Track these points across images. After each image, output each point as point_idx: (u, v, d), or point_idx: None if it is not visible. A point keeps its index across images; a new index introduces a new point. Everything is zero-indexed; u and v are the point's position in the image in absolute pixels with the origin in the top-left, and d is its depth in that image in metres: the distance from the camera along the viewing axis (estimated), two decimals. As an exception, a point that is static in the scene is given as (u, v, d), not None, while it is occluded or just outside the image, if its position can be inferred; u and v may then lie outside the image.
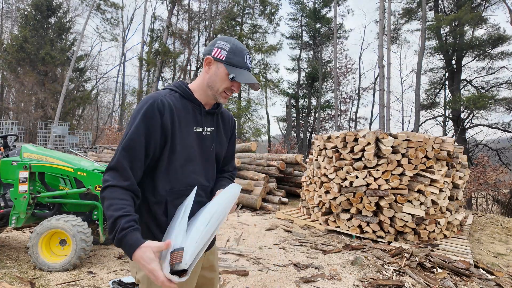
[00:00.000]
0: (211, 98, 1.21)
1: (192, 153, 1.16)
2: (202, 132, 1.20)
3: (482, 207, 10.01)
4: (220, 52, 1.15)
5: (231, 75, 1.13)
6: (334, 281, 2.93)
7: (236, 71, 1.14)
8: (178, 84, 1.21)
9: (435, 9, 18.76)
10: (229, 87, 1.17)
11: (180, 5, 22.32)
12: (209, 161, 1.25)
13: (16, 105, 23.22)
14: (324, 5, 24.24)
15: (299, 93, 25.17)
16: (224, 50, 1.14)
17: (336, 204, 4.73)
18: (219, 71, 1.15)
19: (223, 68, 1.14)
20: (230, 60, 1.14)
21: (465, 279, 3.09)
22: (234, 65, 1.15)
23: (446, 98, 19.08)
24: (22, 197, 3.07)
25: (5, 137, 3.73)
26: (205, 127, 1.22)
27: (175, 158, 1.12)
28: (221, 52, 1.15)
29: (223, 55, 1.14)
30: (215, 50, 1.15)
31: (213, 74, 1.16)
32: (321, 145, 5.22)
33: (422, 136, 4.42)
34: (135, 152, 1.04)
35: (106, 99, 29.80)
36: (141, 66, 22.30)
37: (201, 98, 1.21)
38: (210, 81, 1.17)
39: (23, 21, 21.38)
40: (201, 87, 1.20)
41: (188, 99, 1.19)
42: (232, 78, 1.13)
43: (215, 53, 1.15)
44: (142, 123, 1.06)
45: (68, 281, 2.74)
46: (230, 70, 1.13)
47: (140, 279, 1.11)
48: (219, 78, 1.15)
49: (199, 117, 1.20)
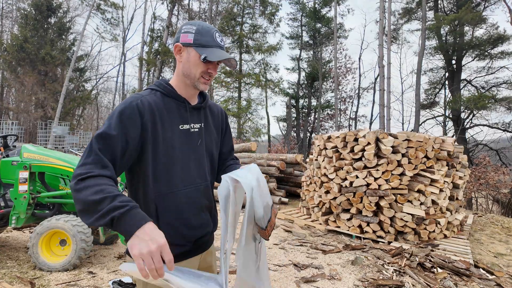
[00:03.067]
0: (191, 88, 1.15)
1: (178, 154, 1.10)
2: (189, 130, 1.15)
3: (482, 207, 10.01)
4: (187, 36, 1.10)
5: (203, 55, 1.07)
6: (334, 281, 2.93)
7: (207, 51, 1.08)
8: (159, 83, 1.16)
9: (435, 9, 18.76)
10: (205, 70, 1.11)
11: (180, 5, 22.33)
12: (202, 158, 1.19)
13: (16, 105, 23.24)
14: (324, 4, 24.23)
15: (299, 93, 25.18)
16: (191, 33, 1.10)
17: (336, 204, 4.73)
18: (191, 55, 1.10)
19: (193, 51, 1.09)
20: (199, 41, 1.09)
21: (465, 279, 3.09)
22: (203, 45, 1.09)
23: (446, 98, 19.09)
24: (22, 197, 3.07)
25: (5, 137, 3.73)
26: (192, 124, 1.16)
27: (160, 161, 1.06)
28: (188, 36, 1.10)
29: (190, 38, 1.09)
30: (182, 35, 1.11)
31: (186, 61, 1.11)
32: (321, 145, 5.22)
33: (422, 136, 4.42)
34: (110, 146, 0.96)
35: (106, 99, 29.85)
36: (141, 66, 22.31)
37: (184, 93, 1.16)
38: (185, 69, 1.12)
39: (23, 21, 21.39)
40: (179, 79, 1.15)
41: (171, 96, 1.13)
42: (204, 58, 1.07)
43: (183, 38, 1.10)
44: (119, 122, 0.98)
45: (68, 281, 2.74)
46: (200, 51, 1.08)
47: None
48: (192, 63, 1.10)
49: (185, 114, 1.15)
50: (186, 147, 1.13)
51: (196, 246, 1.18)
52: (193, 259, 1.19)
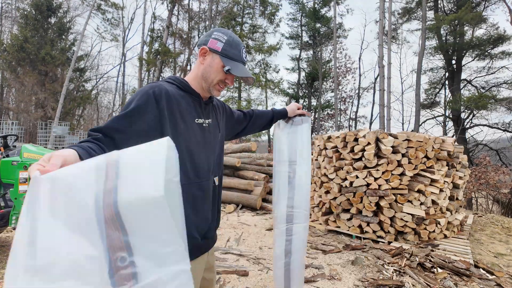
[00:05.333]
0: (205, 90, 1.17)
1: (194, 146, 1.12)
2: (203, 124, 1.18)
3: (482, 207, 10.00)
4: (216, 43, 1.12)
5: (227, 67, 1.10)
6: (334, 281, 2.93)
7: (231, 64, 1.11)
8: (174, 77, 1.18)
9: (435, 9, 18.75)
10: (223, 79, 1.14)
11: (180, 5, 22.32)
12: (212, 153, 1.21)
13: (16, 105, 23.23)
14: (323, 4, 24.24)
15: (299, 93, 25.18)
16: (221, 42, 1.11)
17: (336, 204, 4.73)
18: (214, 62, 1.12)
19: (218, 59, 1.11)
20: (226, 52, 1.11)
21: (465, 279, 3.09)
22: (230, 57, 1.12)
23: (446, 98, 19.09)
24: (22, 197, 3.07)
25: (5, 137, 3.73)
26: (204, 119, 1.19)
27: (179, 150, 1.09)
28: (217, 44, 1.11)
29: (219, 46, 1.11)
30: (211, 41, 1.12)
31: (208, 65, 1.13)
32: (321, 145, 5.22)
33: (422, 136, 4.42)
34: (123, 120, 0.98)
35: (106, 99, 29.89)
36: (141, 66, 22.29)
37: (198, 90, 1.18)
38: (205, 72, 1.14)
39: (23, 21, 21.38)
40: (196, 79, 1.17)
41: (187, 91, 1.15)
42: (227, 70, 1.09)
43: (211, 44, 1.12)
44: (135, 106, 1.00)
45: (68, 281, 2.74)
46: (225, 62, 1.10)
47: None
48: (214, 70, 1.12)
49: (199, 109, 1.17)
50: (202, 141, 1.16)
51: (204, 242, 1.20)
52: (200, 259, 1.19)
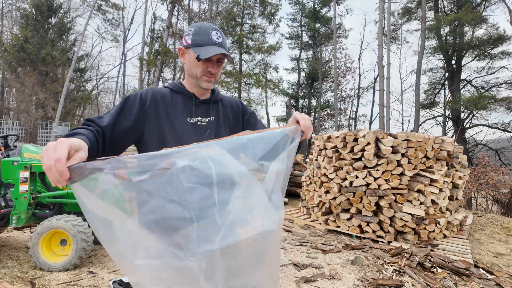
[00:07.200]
0: (198, 87, 1.20)
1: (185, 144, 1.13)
2: (197, 123, 1.19)
3: (482, 207, 10.01)
4: (187, 38, 1.15)
5: (196, 54, 1.11)
6: (334, 281, 2.94)
7: (201, 50, 1.11)
8: (173, 82, 1.24)
9: (435, 9, 18.75)
10: (205, 68, 1.14)
11: (180, 5, 22.33)
12: None
13: (16, 105, 23.24)
14: (323, 5, 24.24)
15: (299, 93, 25.18)
16: (190, 35, 1.14)
17: (336, 204, 4.74)
18: (190, 56, 1.15)
19: (192, 52, 1.13)
20: (195, 41, 1.13)
21: (465, 278, 3.10)
22: (199, 44, 1.13)
23: (446, 98, 19.09)
24: (23, 197, 3.08)
25: (5, 137, 3.74)
26: (199, 117, 1.20)
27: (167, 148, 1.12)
28: (188, 38, 1.15)
29: (189, 40, 1.14)
30: (184, 39, 1.17)
31: (188, 62, 1.17)
32: (321, 145, 5.23)
33: (422, 136, 4.42)
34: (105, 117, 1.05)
35: (107, 99, 29.84)
36: (141, 67, 22.30)
37: (192, 90, 1.22)
38: (188, 70, 1.18)
39: (23, 21, 21.38)
40: (187, 79, 1.22)
41: (180, 92, 1.20)
42: (197, 57, 1.10)
43: (184, 41, 1.16)
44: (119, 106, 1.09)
45: (69, 281, 2.74)
46: (196, 51, 1.11)
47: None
48: (192, 64, 1.15)
49: (191, 108, 1.20)
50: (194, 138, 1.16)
51: None
52: None
